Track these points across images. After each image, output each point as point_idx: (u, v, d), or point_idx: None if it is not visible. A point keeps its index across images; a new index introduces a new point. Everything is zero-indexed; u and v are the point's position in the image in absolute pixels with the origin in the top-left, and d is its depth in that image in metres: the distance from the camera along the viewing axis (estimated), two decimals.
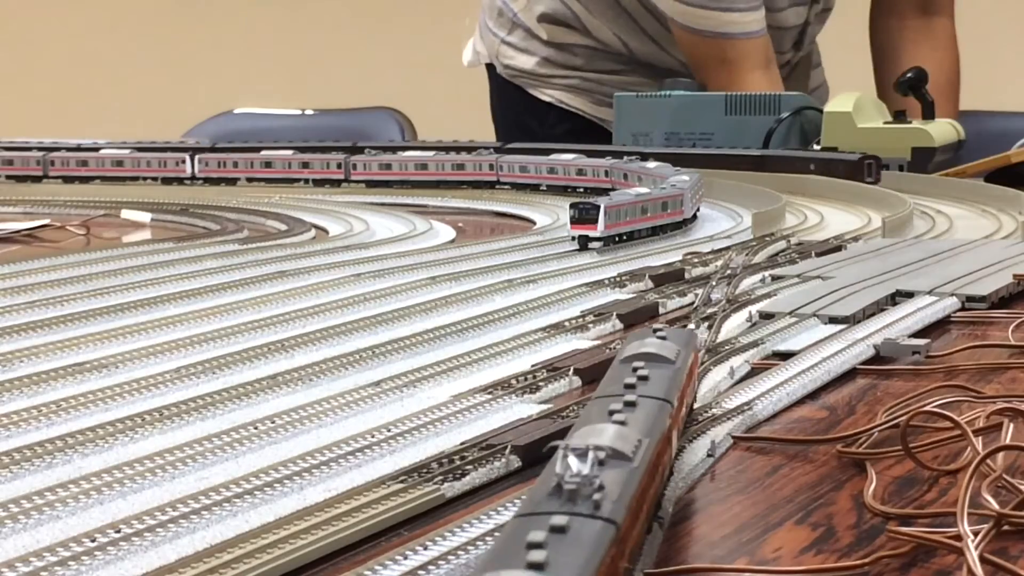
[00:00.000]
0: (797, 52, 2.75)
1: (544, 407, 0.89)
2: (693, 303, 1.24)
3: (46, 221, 1.89)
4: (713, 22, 2.50)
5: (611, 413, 0.61)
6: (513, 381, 0.94)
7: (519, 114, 2.81)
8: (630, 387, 0.66)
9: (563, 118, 2.75)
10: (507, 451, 0.78)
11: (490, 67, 2.85)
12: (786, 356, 1.03)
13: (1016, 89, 3.42)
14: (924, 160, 2.21)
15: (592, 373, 0.97)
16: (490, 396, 0.91)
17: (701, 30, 2.53)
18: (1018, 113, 2.95)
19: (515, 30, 2.75)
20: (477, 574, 0.45)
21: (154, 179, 2.43)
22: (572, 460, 0.51)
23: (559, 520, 0.47)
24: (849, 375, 1.01)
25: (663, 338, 0.75)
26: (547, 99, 2.75)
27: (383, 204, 2.07)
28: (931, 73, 2.45)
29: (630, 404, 0.63)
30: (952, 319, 1.20)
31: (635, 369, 0.69)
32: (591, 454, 0.51)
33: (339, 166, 2.32)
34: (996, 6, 2.87)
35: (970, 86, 2.72)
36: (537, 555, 0.45)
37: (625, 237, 1.57)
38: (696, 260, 1.44)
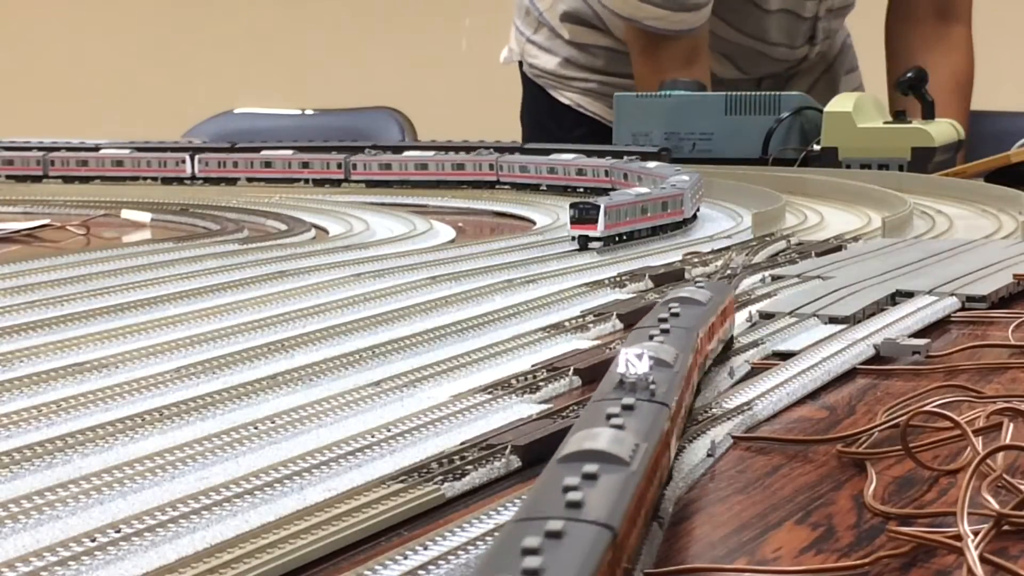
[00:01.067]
0: (812, 47, 2.74)
1: (544, 407, 0.89)
2: None
3: (46, 221, 1.89)
4: (641, 13, 2.50)
5: (651, 337, 0.77)
6: (513, 381, 0.94)
7: (540, 116, 2.80)
8: (663, 320, 0.81)
9: (580, 122, 2.74)
10: (507, 451, 0.78)
11: (519, 66, 2.85)
12: (786, 356, 1.03)
13: (1016, 89, 3.43)
14: (924, 160, 2.21)
15: (592, 373, 0.97)
16: (490, 396, 0.91)
17: (625, 16, 2.53)
18: (1018, 113, 2.95)
19: (540, 29, 2.75)
20: (572, 435, 0.57)
21: (154, 179, 2.43)
22: (631, 361, 0.64)
23: (628, 401, 0.62)
24: (849, 375, 1.01)
25: (701, 287, 0.90)
26: (566, 102, 2.75)
27: (383, 204, 2.07)
28: (942, 76, 2.44)
29: (665, 331, 0.78)
30: (952, 319, 1.20)
31: (669, 308, 0.85)
32: (646, 356, 0.64)
33: (339, 166, 2.32)
34: (996, 6, 2.87)
35: None
36: (617, 420, 0.60)
37: (625, 237, 1.57)
38: (696, 260, 1.44)
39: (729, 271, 1.35)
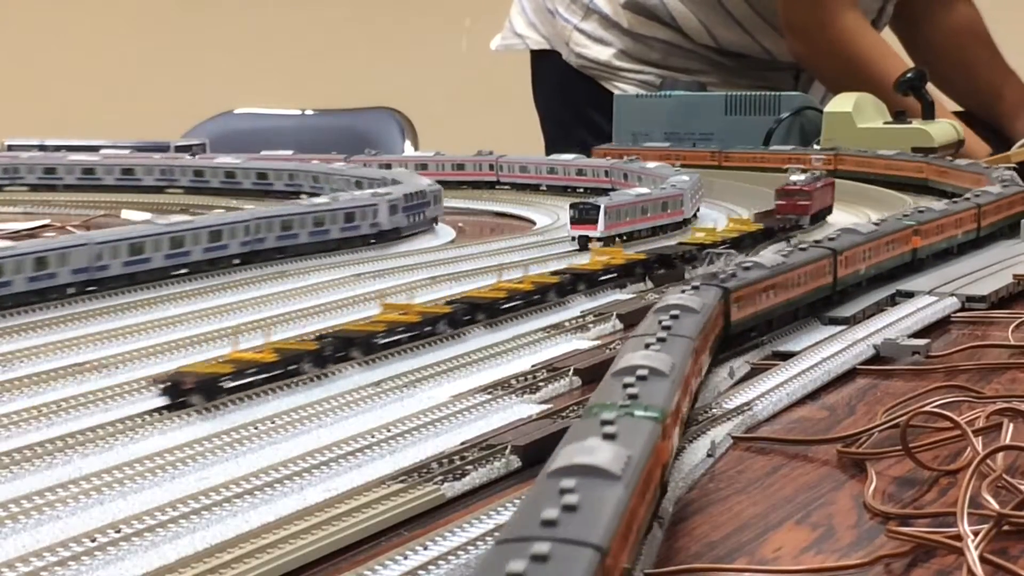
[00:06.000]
0: (882, 16, 2.73)
1: (544, 407, 0.89)
2: None
3: (46, 221, 1.89)
4: None
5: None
6: (513, 381, 0.94)
7: (582, 106, 2.75)
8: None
9: None
10: (507, 451, 0.78)
11: (540, 54, 2.79)
12: (786, 356, 1.03)
13: None
14: None
15: (592, 373, 0.97)
16: (490, 396, 0.91)
17: None
18: None
19: (590, 17, 2.70)
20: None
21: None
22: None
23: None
24: (849, 375, 1.01)
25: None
26: (619, 93, 2.71)
27: None
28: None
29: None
30: (952, 319, 1.20)
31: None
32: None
33: None
34: (995, 6, 2.87)
35: None
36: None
37: (625, 237, 1.57)
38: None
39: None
